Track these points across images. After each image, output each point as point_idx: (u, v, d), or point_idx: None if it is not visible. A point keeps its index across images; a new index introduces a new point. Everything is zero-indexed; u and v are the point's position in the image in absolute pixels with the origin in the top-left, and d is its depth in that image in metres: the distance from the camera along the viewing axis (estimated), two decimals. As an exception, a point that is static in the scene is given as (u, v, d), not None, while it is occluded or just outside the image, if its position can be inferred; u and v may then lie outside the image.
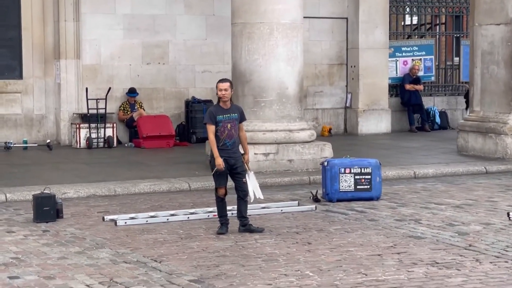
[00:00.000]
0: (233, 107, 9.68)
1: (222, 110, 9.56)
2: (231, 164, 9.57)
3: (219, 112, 9.54)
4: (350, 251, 8.62)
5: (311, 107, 20.91)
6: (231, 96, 9.64)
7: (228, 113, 9.56)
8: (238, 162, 9.63)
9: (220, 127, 9.51)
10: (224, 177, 9.64)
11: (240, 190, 9.67)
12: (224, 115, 9.53)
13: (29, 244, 9.14)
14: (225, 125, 9.51)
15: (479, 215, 10.63)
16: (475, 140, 16.60)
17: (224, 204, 9.70)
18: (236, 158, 9.62)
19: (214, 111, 9.58)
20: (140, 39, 19.27)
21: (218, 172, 9.51)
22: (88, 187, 12.70)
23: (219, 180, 9.63)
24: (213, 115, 9.52)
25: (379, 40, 21.15)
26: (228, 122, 9.53)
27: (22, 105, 18.67)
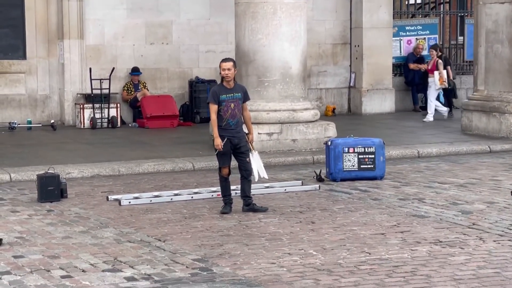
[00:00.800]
0: (236, 86, 9.65)
1: (226, 90, 9.53)
2: (234, 143, 9.56)
3: (222, 92, 9.51)
4: (353, 230, 8.63)
5: (315, 86, 20.88)
6: (234, 75, 9.61)
7: (232, 93, 9.53)
8: (242, 141, 9.62)
9: (224, 106, 9.48)
10: (228, 157, 9.64)
11: (243, 170, 9.66)
12: (228, 94, 9.50)
13: (34, 223, 9.18)
14: (228, 104, 9.49)
15: (482, 194, 10.64)
16: (479, 119, 16.58)
17: (228, 184, 9.70)
18: (240, 137, 9.60)
19: (218, 90, 9.55)
20: (143, 19, 19.23)
21: (222, 152, 9.51)
22: (92, 167, 12.72)
23: (223, 160, 9.62)
24: (216, 95, 9.50)
25: (383, 19, 21.09)
26: (231, 102, 9.51)
27: (26, 86, 18.67)
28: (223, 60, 9.64)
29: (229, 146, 9.52)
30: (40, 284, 6.77)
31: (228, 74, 9.49)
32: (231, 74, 9.52)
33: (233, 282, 6.75)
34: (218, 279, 6.86)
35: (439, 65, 18.98)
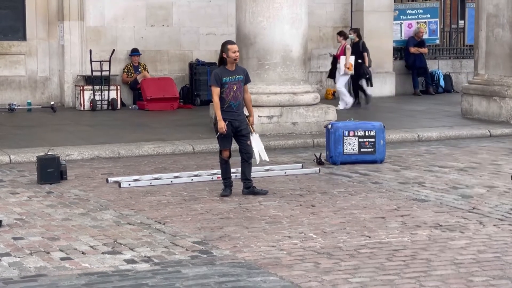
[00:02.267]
0: (238, 68, 9.62)
1: (228, 72, 9.49)
2: (235, 126, 9.54)
3: (224, 74, 9.47)
4: (353, 214, 8.63)
5: (315, 70, 20.84)
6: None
7: (234, 75, 9.50)
8: (243, 124, 9.60)
9: (226, 88, 9.45)
10: (229, 140, 9.62)
11: (244, 153, 9.64)
12: (230, 76, 9.47)
13: (33, 205, 9.17)
14: (230, 86, 9.46)
15: (482, 178, 10.64)
16: (479, 104, 16.56)
17: (228, 167, 9.69)
18: (241, 120, 9.58)
19: (220, 73, 9.50)
20: (144, 1, 19.17)
21: (222, 135, 9.50)
22: (92, 149, 12.71)
23: (223, 143, 9.61)
24: (219, 77, 9.46)
25: (384, 2, 21.02)
26: (233, 84, 9.47)
27: (26, 67, 18.63)
28: (230, 43, 9.60)
29: (230, 129, 9.50)
30: (40, 266, 6.78)
31: (238, 55, 9.52)
32: (239, 56, 9.59)
33: (233, 265, 6.75)
34: (218, 262, 6.86)
35: (347, 50, 18.16)
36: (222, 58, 9.51)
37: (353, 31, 19.09)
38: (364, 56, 18.84)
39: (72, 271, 6.62)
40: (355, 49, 18.63)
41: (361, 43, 18.93)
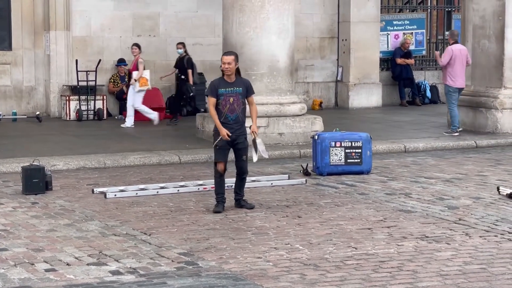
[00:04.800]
0: (238, 80, 9.33)
1: (225, 83, 9.27)
2: (232, 139, 9.28)
3: (221, 85, 9.25)
4: (340, 225, 8.61)
5: (302, 80, 20.86)
6: (235, 69, 9.31)
7: (232, 87, 9.25)
8: (240, 138, 9.34)
9: (222, 100, 9.22)
10: (225, 152, 9.35)
11: (238, 167, 9.46)
12: (227, 88, 9.24)
13: (18, 216, 9.11)
14: (227, 98, 9.22)
15: (469, 189, 10.64)
16: (465, 115, 16.59)
17: (223, 181, 9.40)
18: (238, 134, 9.31)
19: (217, 83, 9.31)
20: (130, 11, 19.15)
21: (218, 146, 9.28)
22: (78, 159, 12.65)
23: (219, 155, 9.34)
24: (215, 88, 9.26)
25: (370, 13, 21.07)
26: (230, 96, 9.23)
27: (11, 77, 18.57)
28: (224, 54, 9.47)
29: (225, 142, 9.26)
30: (24, 277, 6.72)
31: (229, 68, 9.22)
32: (232, 68, 9.24)
33: (219, 277, 6.71)
34: (203, 273, 6.82)
35: (139, 64, 16.90)
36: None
37: (182, 46, 17.72)
38: (189, 73, 17.50)
39: (56, 283, 6.56)
40: (180, 64, 17.60)
41: (186, 59, 17.55)
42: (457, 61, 15.69)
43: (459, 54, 15.70)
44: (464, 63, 15.78)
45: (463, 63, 15.74)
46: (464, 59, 15.76)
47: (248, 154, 9.55)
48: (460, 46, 16.04)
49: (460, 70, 15.70)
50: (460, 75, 15.72)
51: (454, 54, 15.69)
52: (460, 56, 15.69)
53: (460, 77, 15.73)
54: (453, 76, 15.73)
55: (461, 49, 15.87)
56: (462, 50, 15.83)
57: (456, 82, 15.75)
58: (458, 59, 15.68)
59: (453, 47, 15.84)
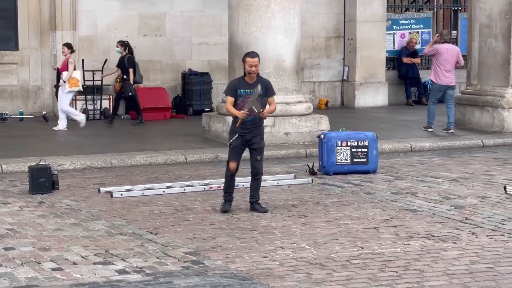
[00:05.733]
0: (257, 81, 9.18)
1: (246, 84, 9.14)
2: (247, 139, 9.19)
3: (241, 86, 9.13)
4: (346, 224, 8.61)
5: (308, 80, 20.85)
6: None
7: (252, 88, 9.10)
8: (255, 138, 9.23)
9: (240, 101, 9.09)
10: (238, 152, 9.26)
11: (252, 168, 9.34)
12: (246, 89, 9.10)
13: (25, 215, 9.12)
14: (245, 99, 9.07)
15: (475, 189, 10.63)
16: (472, 114, 16.57)
17: (233, 181, 9.34)
18: (254, 134, 9.21)
19: (237, 84, 9.19)
20: (136, 11, 19.16)
21: (232, 145, 9.18)
22: (84, 158, 12.67)
23: (233, 154, 9.24)
24: (234, 88, 9.15)
25: (376, 12, 21.06)
26: (248, 97, 9.07)
27: (18, 76, 18.60)
28: (250, 55, 9.17)
29: (240, 141, 9.17)
30: (31, 276, 6.73)
31: (254, 70, 9.09)
32: (256, 71, 9.11)
33: (225, 276, 6.72)
34: (210, 272, 6.82)
35: (69, 64, 16.17)
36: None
37: (120, 44, 17.33)
38: (130, 72, 17.03)
39: (63, 282, 6.57)
40: (121, 63, 17.20)
41: (127, 58, 17.11)
42: (442, 59, 15.85)
43: (445, 53, 15.88)
44: (451, 62, 15.92)
45: (450, 62, 15.88)
46: (451, 59, 15.91)
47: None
48: (449, 45, 16.24)
49: (446, 68, 15.86)
50: (444, 73, 15.89)
51: (439, 52, 15.90)
52: (446, 55, 15.85)
53: (444, 75, 15.90)
54: (437, 73, 15.96)
55: (448, 48, 16.04)
56: (450, 50, 16.00)
57: (439, 79, 15.96)
58: (443, 57, 15.85)
59: (441, 45, 16.07)
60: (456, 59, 15.97)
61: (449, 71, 15.90)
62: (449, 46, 16.19)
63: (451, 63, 15.90)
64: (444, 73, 15.89)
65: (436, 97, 16.18)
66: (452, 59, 15.90)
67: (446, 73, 15.89)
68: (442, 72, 15.89)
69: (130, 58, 17.15)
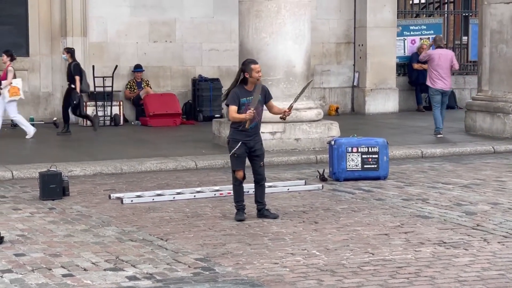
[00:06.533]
0: (256, 89, 9.22)
1: (246, 92, 9.17)
2: (249, 146, 9.20)
3: (243, 95, 9.15)
4: (357, 231, 8.58)
5: (318, 86, 20.82)
6: None
7: (251, 95, 9.15)
8: (257, 145, 9.27)
9: (243, 110, 9.11)
10: (242, 160, 9.25)
11: (256, 174, 9.34)
12: (248, 97, 9.15)
13: (35, 221, 9.13)
14: (247, 107, 9.10)
15: (486, 195, 10.59)
16: (483, 120, 16.52)
17: (242, 189, 9.33)
18: (256, 141, 9.26)
19: (239, 93, 9.18)
20: (147, 17, 19.19)
21: (236, 155, 9.19)
22: (95, 165, 12.68)
23: (237, 163, 9.23)
24: (237, 97, 9.14)
25: (387, 18, 21.03)
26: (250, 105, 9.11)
27: (28, 83, 18.62)
28: (254, 62, 9.23)
29: (243, 149, 9.18)
30: (41, 282, 6.73)
31: (261, 76, 9.21)
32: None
33: (235, 282, 6.70)
34: (220, 279, 6.81)
35: (9, 73, 15.69)
36: (244, 77, 9.16)
37: (66, 51, 16.59)
38: (76, 80, 16.20)
39: (73, 288, 6.58)
40: (68, 71, 16.49)
41: (73, 65, 16.29)
42: (435, 64, 16.19)
43: (437, 58, 16.24)
44: (444, 67, 16.21)
45: (443, 67, 16.17)
46: (444, 64, 16.20)
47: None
48: (442, 50, 16.55)
49: (440, 73, 16.17)
50: (439, 78, 16.20)
51: (432, 58, 16.34)
52: (438, 60, 16.18)
53: (439, 79, 16.20)
54: (432, 78, 16.32)
55: (441, 53, 16.38)
56: (443, 55, 16.32)
57: (435, 84, 16.28)
58: (435, 63, 16.20)
59: (434, 50, 16.62)
60: (450, 64, 16.31)
61: (442, 76, 16.23)
62: (442, 51, 16.52)
63: (444, 68, 16.23)
64: (438, 78, 16.22)
65: (437, 101, 16.43)
66: (445, 64, 16.24)
67: (440, 78, 16.22)
68: (436, 77, 16.25)
69: (76, 66, 16.38)
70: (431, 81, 16.37)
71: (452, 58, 16.41)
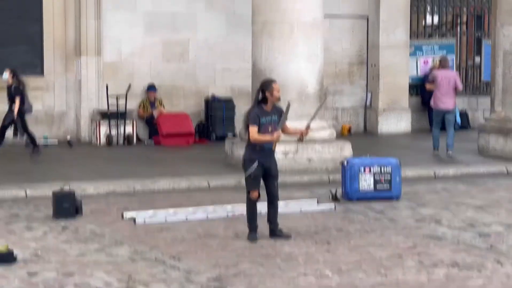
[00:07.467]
0: (273, 109, 9.27)
1: (265, 113, 9.20)
2: (266, 167, 9.22)
3: (262, 115, 9.17)
4: (369, 252, 8.57)
5: (331, 106, 20.82)
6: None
7: (270, 115, 9.20)
8: (273, 165, 9.29)
9: (262, 130, 9.13)
10: (258, 181, 9.27)
11: (270, 194, 9.34)
12: (266, 117, 9.18)
13: (49, 240, 9.16)
14: (266, 128, 9.15)
15: (500, 216, 10.55)
16: (496, 141, 16.48)
17: (255, 209, 9.31)
18: (272, 161, 9.28)
19: (258, 113, 9.18)
20: (160, 37, 19.26)
21: (252, 176, 9.22)
22: (108, 184, 12.71)
23: (253, 184, 9.23)
24: (258, 117, 9.14)
25: (399, 39, 21.05)
26: (268, 125, 9.17)
27: (43, 102, 18.70)
28: (274, 81, 9.29)
29: (260, 170, 9.18)
30: (54, 302, 6.75)
31: (280, 95, 9.25)
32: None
33: (248, 303, 6.70)
34: (233, 299, 6.81)
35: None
36: (264, 97, 9.18)
37: (9, 71, 15.82)
38: (16, 100, 15.57)
39: (86, 308, 6.59)
40: (8, 92, 15.78)
41: (13, 87, 15.66)
42: (437, 84, 16.38)
43: (439, 79, 16.39)
44: (446, 88, 16.31)
45: (446, 87, 16.28)
46: (446, 84, 16.31)
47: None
48: (445, 71, 16.68)
49: (442, 93, 16.32)
50: (441, 98, 16.36)
51: (435, 78, 16.59)
52: (441, 81, 16.34)
53: (440, 100, 16.38)
54: (434, 98, 16.55)
55: (444, 74, 16.50)
56: (445, 77, 16.42)
57: (435, 104, 16.54)
58: (438, 83, 16.38)
59: (437, 71, 16.93)
60: (452, 85, 16.36)
61: (445, 96, 16.33)
62: (445, 72, 16.64)
63: (446, 88, 16.31)
64: (441, 98, 16.36)
65: (436, 121, 16.72)
66: (448, 84, 16.32)
67: (442, 98, 16.34)
68: (438, 97, 16.40)
69: (16, 88, 15.67)
70: (433, 101, 16.63)
71: (455, 79, 16.47)
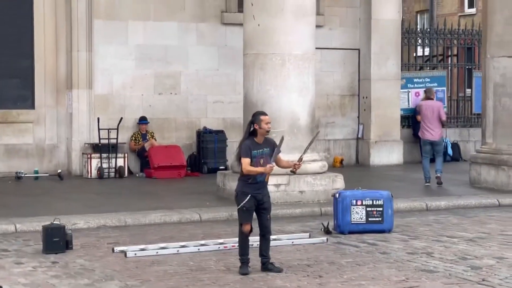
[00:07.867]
0: (265, 141, 9.24)
1: (256, 145, 9.18)
2: (258, 199, 9.18)
3: (254, 147, 9.15)
4: (361, 285, 8.52)
5: (323, 138, 20.85)
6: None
7: (261, 148, 9.17)
8: (265, 197, 9.24)
9: (254, 163, 9.11)
10: (250, 213, 9.22)
11: (263, 227, 9.28)
12: (258, 150, 9.15)
13: (38, 276, 9.08)
14: (258, 160, 9.12)
15: (492, 249, 10.52)
16: (487, 173, 16.50)
17: (248, 242, 9.25)
18: (264, 194, 9.24)
19: (250, 145, 9.16)
20: (152, 70, 19.31)
21: (245, 208, 9.18)
22: (98, 217, 12.65)
23: (245, 216, 9.18)
24: (250, 149, 9.12)
25: (391, 71, 21.16)
26: (260, 158, 9.14)
27: (33, 135, 18.70)
28: (263, 114, 9.26)
29: (253, 203, 9.15)
30: (43, 338, 6.68)
31: (270, 127, 9.22)
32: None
33: (239, 338, 6.64)
34: (224, 334, 6.75)
35: None
36: (253, 129, 9.18)
37: None
38: None
39: None
40: None
41: None
42: (422, 115, 16.85)
43: (424, 109, 16.83)
44: (430, 118, 16.69)
45: (430, 117, 16.67)
46: (430, 115, 16.70)
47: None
48: (430, 102, 17.05)
49: (427, 124, 16.72)
50: (426, 128, 16.75)
51: (420, 109, 17.12)
52: (425, 111, 16.76)
53: (426, 130, 16.76)
54: (421, 128, 17.00)
55: (428, 104, 16.90)
56: (429, 107, 16.84)
57: (423, 135, 16.93)
58: (422, 113, 16.84)
59: (422, 102, 17.43)
60: (436, 115, 16.69)
61: (429, 127, 16.69)
62: (429, 103, 16.99)
63: (430, 119, 16.71)
64: (425, 129, 16.75)
65: (425, 151, 16.99)
66: (432, 115, 16.68)
67: (427, 129, 16.73)
68: (423, 127, 16.81)
69: None
70: (420, 132, 16.98)
71: (439, 109, 16.78)
